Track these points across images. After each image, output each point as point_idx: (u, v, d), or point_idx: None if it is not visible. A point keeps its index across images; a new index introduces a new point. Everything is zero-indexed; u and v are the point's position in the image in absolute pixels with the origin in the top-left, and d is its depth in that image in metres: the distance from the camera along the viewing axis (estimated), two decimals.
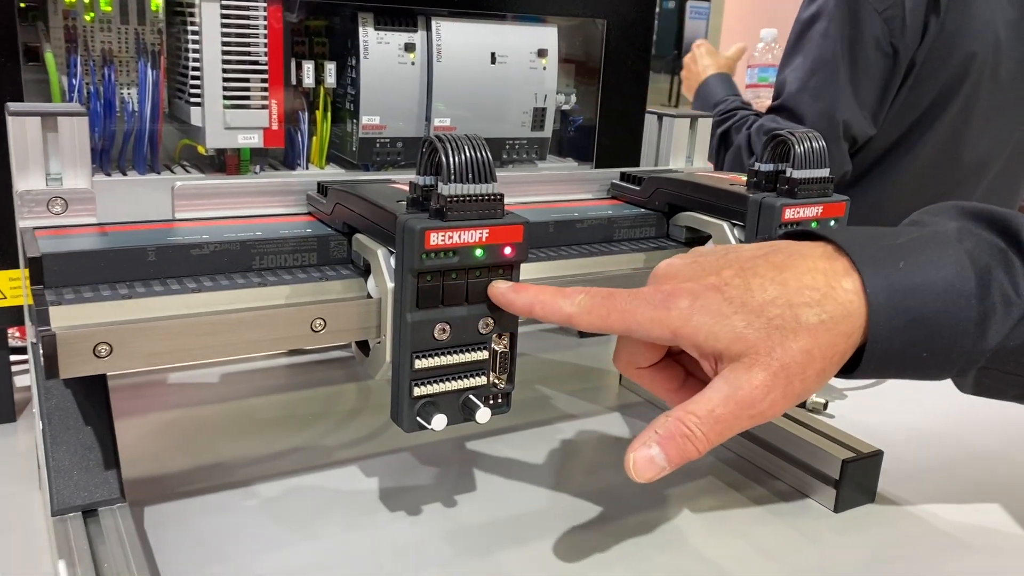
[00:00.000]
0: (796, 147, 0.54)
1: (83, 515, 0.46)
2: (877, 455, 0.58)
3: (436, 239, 0.42)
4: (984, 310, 0.41)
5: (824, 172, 0.55)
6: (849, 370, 0.43)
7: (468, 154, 0.43)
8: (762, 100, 1.61)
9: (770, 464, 0.61)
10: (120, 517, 0.46)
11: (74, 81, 0.65)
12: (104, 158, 0.68)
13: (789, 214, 0.54)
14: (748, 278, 0.42)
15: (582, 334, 0.88)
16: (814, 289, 0.41)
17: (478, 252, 0.43)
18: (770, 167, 0.56)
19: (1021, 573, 0.51)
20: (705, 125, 0.73)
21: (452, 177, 0.42)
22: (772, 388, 0.40)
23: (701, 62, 1.56)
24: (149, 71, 0.67)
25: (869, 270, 0.41)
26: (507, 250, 0.44)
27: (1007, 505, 0.58)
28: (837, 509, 0.57)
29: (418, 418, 0.45)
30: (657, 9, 0.79)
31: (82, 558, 0.42)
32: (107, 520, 0.46)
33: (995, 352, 0.42)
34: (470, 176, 0.43)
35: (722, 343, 0.41)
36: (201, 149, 0.69)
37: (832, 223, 0.56)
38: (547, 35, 0.75)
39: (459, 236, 0.43)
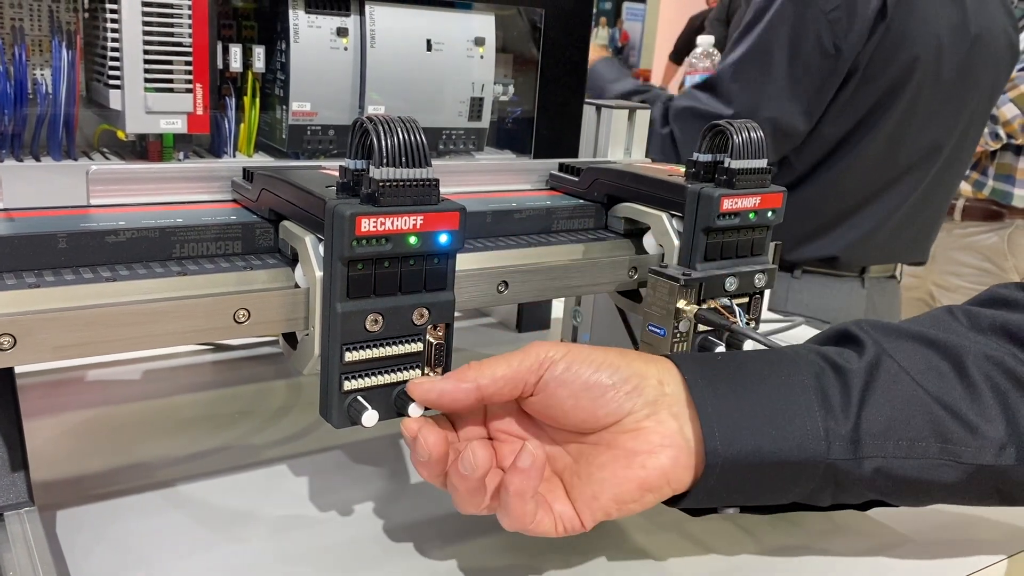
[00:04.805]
0: (734, 137, 0.54)
1: None
2: None
3: (368, 225, 0.40)
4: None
5: (762, 163, 0.54)
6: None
7: (401, 137, 0.41)
8: None
9: None
10: (28, 522, 0.44)
11: None
12: (15, 144, 0.64)
13: (727, 204, 0.53)
14: None
15: (520, 328, 0.87)
16: None
17: (412, 239, 0.42)
18: (708, 157, 0.56)
19: (956, 564, 0.52)
20: (643, 117, 0.73)
21: (384, 160, 0.41)
22: None
23: None
24: (64, 51, 0.63)
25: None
26: (442, 238, 0.43)
27: None
28: None
29: (348, 414, 0.44)
30: (594, 10, 0.78)
31: None
32: (13, 525, 0.43)
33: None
34: (404, 160, 0.41)
35: None
36: (121, 135, 0.65)
37: (770, 214, 0.56)
38: (485, 23, 0.73)
39: (392, 222, 0.41)
